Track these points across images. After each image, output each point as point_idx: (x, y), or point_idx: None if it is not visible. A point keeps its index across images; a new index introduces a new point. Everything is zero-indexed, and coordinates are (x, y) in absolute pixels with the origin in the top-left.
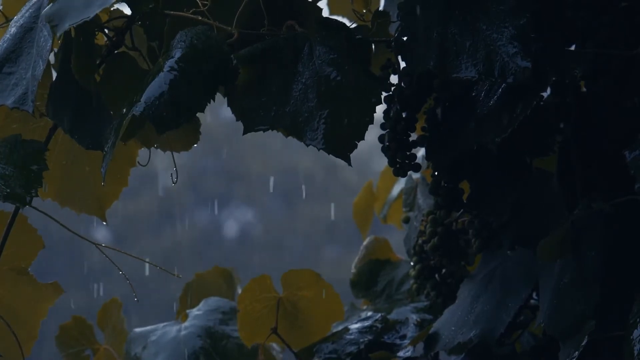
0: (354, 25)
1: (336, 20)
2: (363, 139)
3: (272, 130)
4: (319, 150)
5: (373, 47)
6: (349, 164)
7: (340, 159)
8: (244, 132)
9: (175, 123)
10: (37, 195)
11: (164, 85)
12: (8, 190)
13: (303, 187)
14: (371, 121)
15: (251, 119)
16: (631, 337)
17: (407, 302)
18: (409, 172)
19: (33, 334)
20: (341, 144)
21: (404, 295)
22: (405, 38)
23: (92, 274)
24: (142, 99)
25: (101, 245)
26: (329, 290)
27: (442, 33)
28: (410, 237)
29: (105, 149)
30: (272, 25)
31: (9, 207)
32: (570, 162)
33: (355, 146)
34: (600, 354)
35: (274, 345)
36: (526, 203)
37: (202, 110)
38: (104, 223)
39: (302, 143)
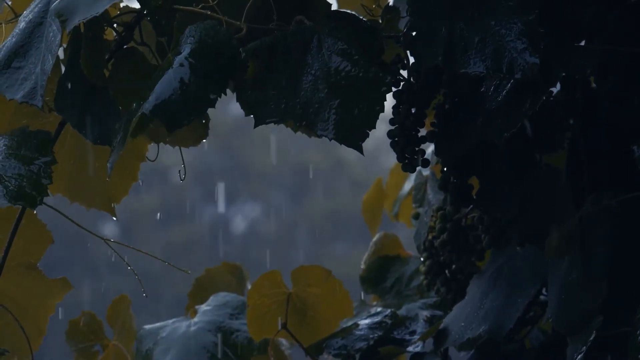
0: None
1: (344, 11)
2: (374, 127)
3: (283, 122)
4: (330, 140)
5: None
6: (362, 153)
7: (349, 153)
8: (255, 125)
9: (186, 120)
10: (47, 195)
11: (174, 82)
12: (16, 190)
13: (311, 182)
14: (382, 109)
15: (261, 112)
16: (637, 332)
17: (416, 298)
18: (418, 168)
19: (41, 329)
20: (352, 134)
21: (413, 291)
22: (414, 33)
23: (99, 269)
24: (152, 97)
25: (110, 240)
26: (338, 286)
27: (450, 28)
28: (420, 233)
29: (114, 144)
30: (280, 20)
31: None
32: (578, 159)
33: (367, 135)
34: (608, 350)
35: (283, 340)
36: (535, 199)
37: (213, 106)
38: (114, 218)
39: (310, 138)
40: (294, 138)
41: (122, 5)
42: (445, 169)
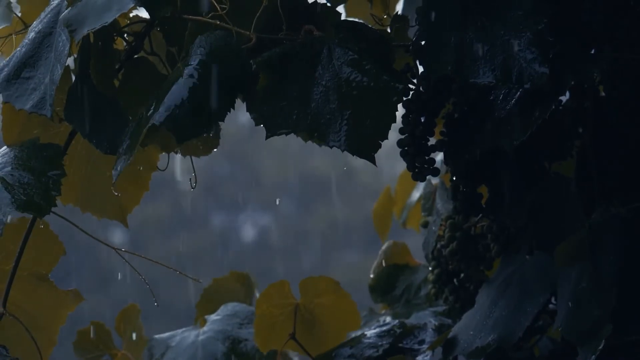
0: None
1: (354, 21)
2: (387, 138)
3: (294, 133)
4: (342, 151)
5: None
6: (374, 164)
7: (358, 161)
8: (267, 137)
9: (195, 132)
10: (55, 205)
11: (184, 93)
12: (25, 199)
13: (320, 190)
14: (394, 119)
15: (272, 123)
16: None
17: (425, 306)
18: (427, 177)
19: (52, 340)
20: (365, 144)
21: (422, 300)
22: (423, 42)
23: (108, 277)
24: (162, 108)
25: (120, 249)
26: (346, 298)
27: (459, 38)
28: (429, 241)
29: (119, 150)
30: (290, 30)
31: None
32: (588, 167)
33: (379, 146)
34: (618, 359)
35: (291, 352)
36: (544, 207)
37: (223, 119)
38: (127, 228)
39: (319, 147)
40: (303, 146)
41: (131, 15)
42: (454, 177)
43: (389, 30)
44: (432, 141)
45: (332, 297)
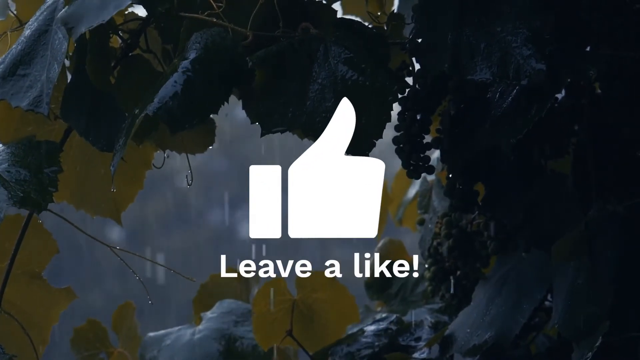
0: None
1: (350, 19)
2: (381, 137)
3: (290, 131)
4: None
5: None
6: None
7: None
8: (262, 135)
9: (188, 123)
10: (52, 201)
11: (178, 86)
12: (22, 195)
13: None
14: (388, 119)
15: (268, 121)
16: None
17: (421, 304)
18: (423, 174)
19: (44, 338)
20: (360, 143)
21: (418, 297)
22: (419, 40)
23: (105, 275)
24: (156, 99)
25: (116, 247)
26: (344, 292)
27: (456, 35)
28: (425, 239)
29: (116, 147)
30: (286, 27)
31: (25, 210)
32: (584, 164)
33: (374, 145)
34: (615, 355)
35: (290, 347)
36: (541, 205)
37: (216, 112)
38: (121, 226)
39: None
40: (300, 143)
41: (127, 12)
42: (450, 175)
43: (385, 28)
44: (427, 139)
45: (329, 291)
